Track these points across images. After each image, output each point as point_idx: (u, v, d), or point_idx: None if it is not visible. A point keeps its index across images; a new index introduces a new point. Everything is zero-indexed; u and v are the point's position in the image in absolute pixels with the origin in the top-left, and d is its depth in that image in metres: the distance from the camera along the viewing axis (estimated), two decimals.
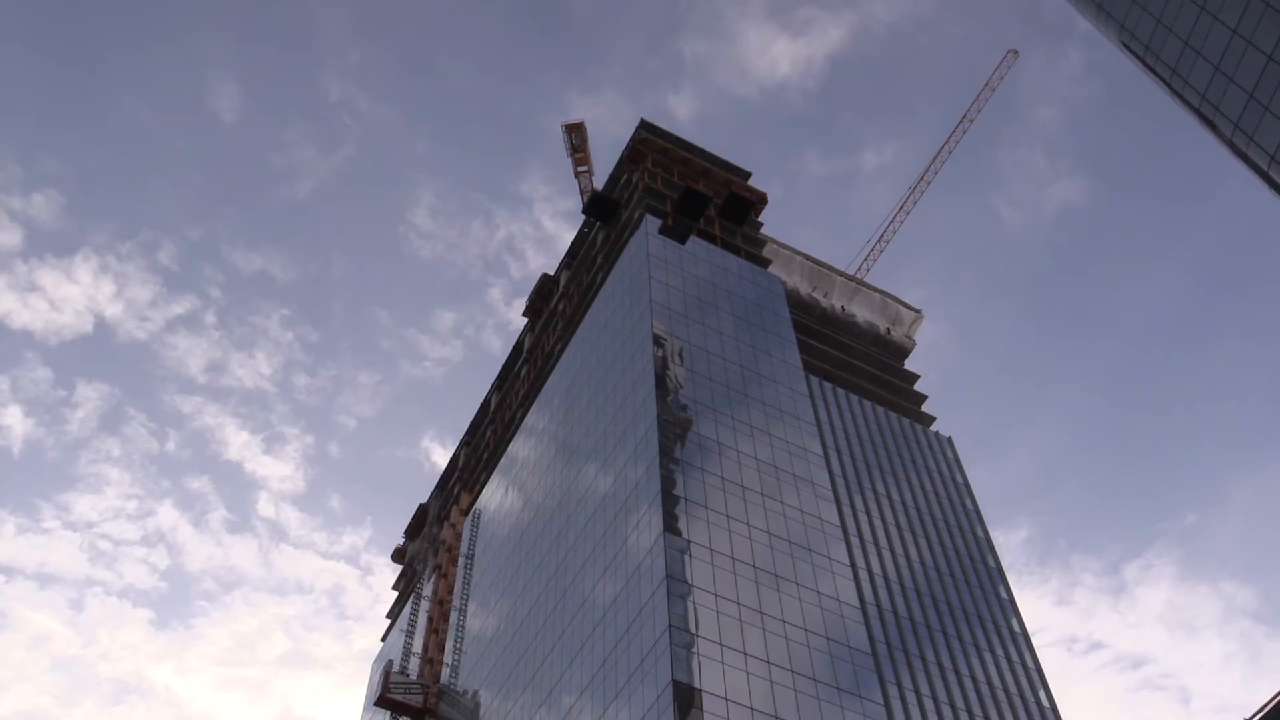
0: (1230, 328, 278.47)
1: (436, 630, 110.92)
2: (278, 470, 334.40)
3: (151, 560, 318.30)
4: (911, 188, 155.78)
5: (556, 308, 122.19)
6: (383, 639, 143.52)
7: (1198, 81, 56.11)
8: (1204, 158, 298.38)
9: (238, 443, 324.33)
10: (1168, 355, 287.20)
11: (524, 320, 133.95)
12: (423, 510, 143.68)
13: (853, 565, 77.79)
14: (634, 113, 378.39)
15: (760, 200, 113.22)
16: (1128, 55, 64.02)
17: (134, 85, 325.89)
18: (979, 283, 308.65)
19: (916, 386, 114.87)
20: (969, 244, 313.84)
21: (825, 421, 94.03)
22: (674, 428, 77.17)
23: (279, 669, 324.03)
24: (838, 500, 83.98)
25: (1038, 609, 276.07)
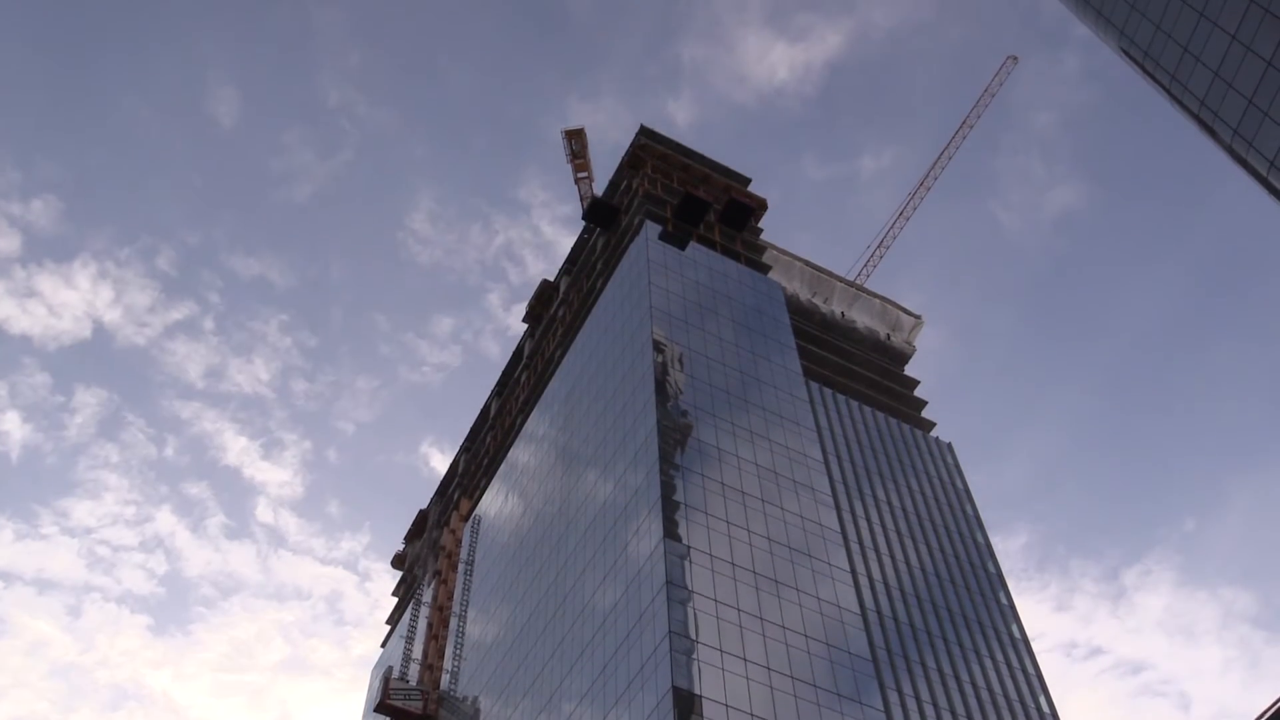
0: (1228, 332, 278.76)
1: (436, 636, 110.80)
2: (276, 476, 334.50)
3: (150, 566, 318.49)
4: (911, 193, 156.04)
5: (556, 313, 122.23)
6: (382, 645, 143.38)
7: (1197, 87, 56.19)
8: (1201, 162, 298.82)
9: (236, 448, 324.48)
10: (1166, 360, 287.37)
11: (523, 326, 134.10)
12: (422, 516, 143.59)
13: (853, 571, 77.76)
14: (633, 118, 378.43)
15: (760, 206, 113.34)
16: (1127, 61, 64.11)
17: (133, 89, 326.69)
18: (977, 288, 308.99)
19: (916, 392, 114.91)
20: (967, 249, 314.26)
21: (825, 427, 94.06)
22: (674, 433, 77.16)
23: (277, 675, 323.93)
24: (838, 506, 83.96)
25: (1037, 614, 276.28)
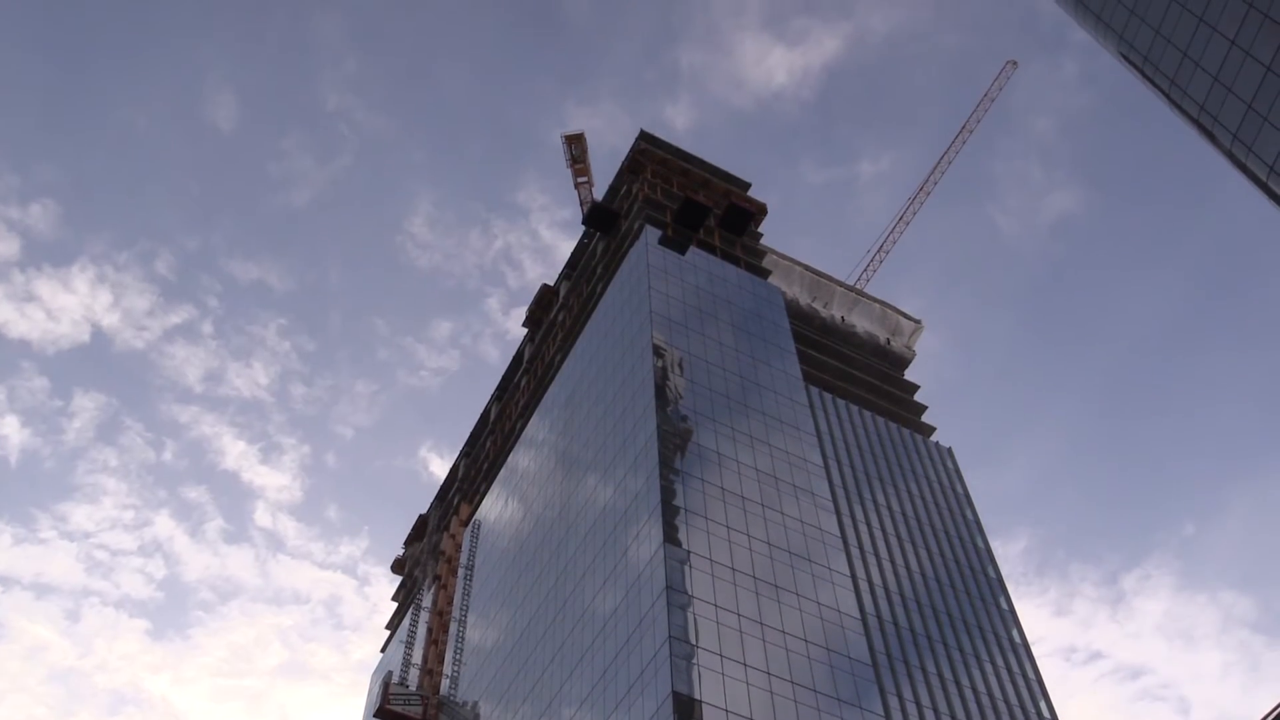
0: (1227, 336, 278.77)
1: (436, 641, 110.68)
2: (275, 480, 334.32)
3: (148, 570, 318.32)
4: (911, 198, 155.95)
5: (556, 318, 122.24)
6: (382, 650, 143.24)
7: (1196, 92, 56.22)
8: (1199, 166, 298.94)
9: (235, 452, 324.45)
10: (1165, 364, 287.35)
11: (521, 330, 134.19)
12: (422, 521, 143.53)
13: (853, 576, 77.67)
14: (631, 122, 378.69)
15: (760, 211, 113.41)
16: (1126, 66, 64.14)
17: (131, 94, 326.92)
18: (976, 293, 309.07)
19: (916, 397, 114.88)
20: (965, 254, 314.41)
21: (825, 432, 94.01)
22: (674, 438, 77.13)
23: (276, 679, 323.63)
24: (838, 511, 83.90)
25: (1036, 619, 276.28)
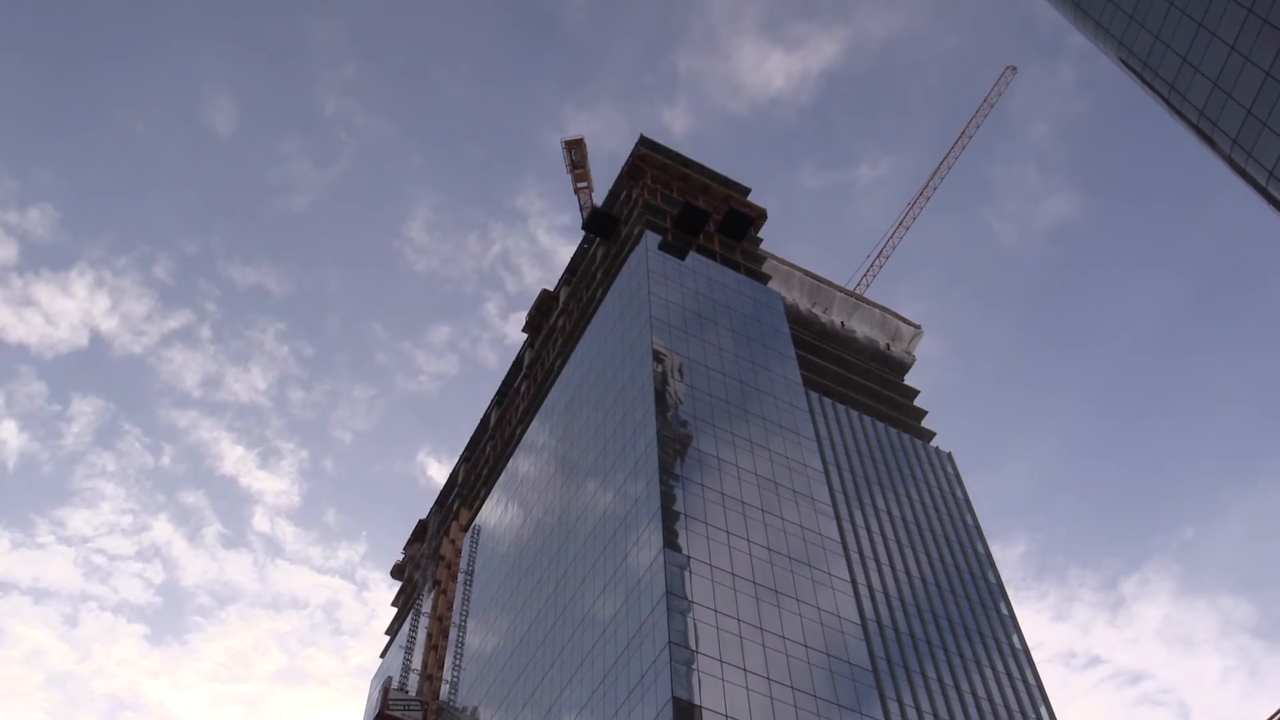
0: (1225, 340, 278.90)
1: (436, 647, 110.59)
2: (273, 485, 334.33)
3: (146, 575, 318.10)
4: (911, 203, 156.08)
5: (556, 323, 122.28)
6: (381, 655, 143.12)
7: (1196, 97, 56.27)
8: (1197, 171, 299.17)
9: (233, 457, 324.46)
10: (1163, 368, 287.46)
11: (520, 335, 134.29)
12: (422, 526, 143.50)
13: (853, 581, 77.62)
14: (629, 127, 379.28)
15: (760, 216, 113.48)
16: (1126, 71, 64.19)
17: (130, 98, 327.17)
18: (973, 297, 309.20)
19: (916, 402, 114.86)
20: (963, 259, 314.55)
21: (825, 437, 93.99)
22: (674, 443, 77.12)
23: (274, 684, 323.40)
24: (838, 516, 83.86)
25: (1035, 623, 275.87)
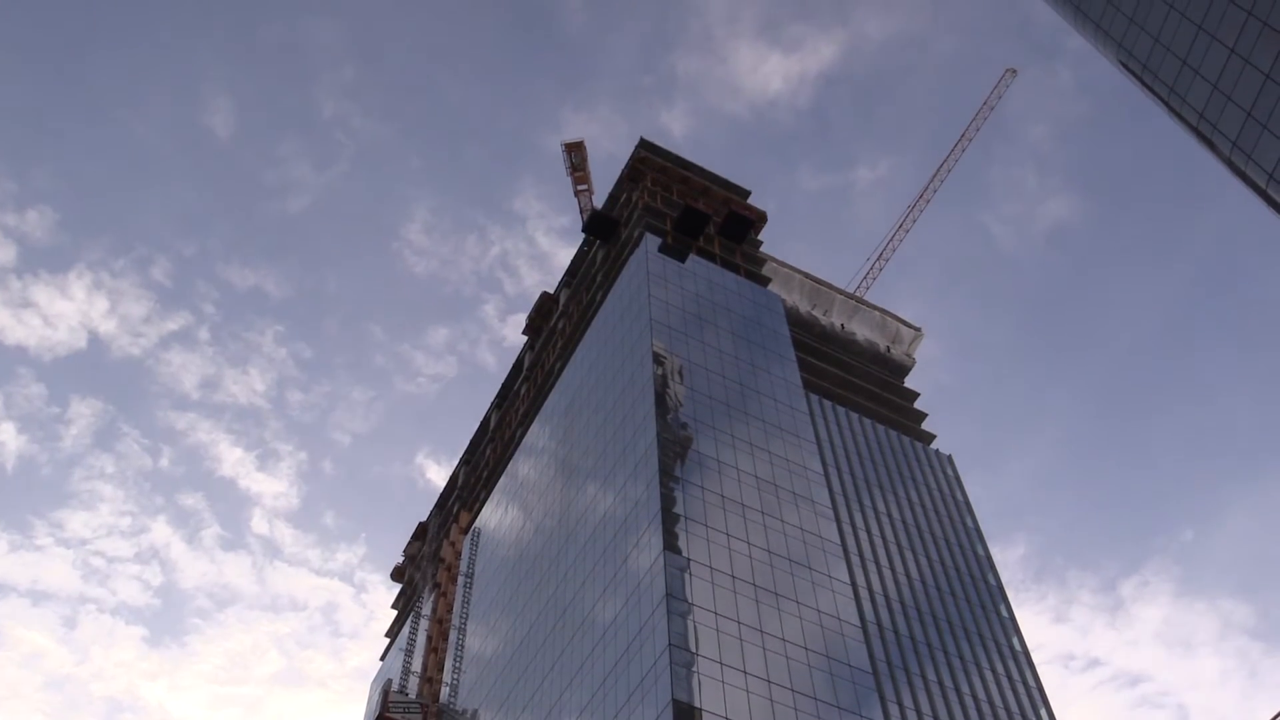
0: (1224, 341, 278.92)
1: (436, 649, 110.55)
2: (271, 487, 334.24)
3: (145, 577, 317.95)
4: (911, 205, 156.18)
5: (556, 326, 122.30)
6: (381, 658, 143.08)
7: (1196, 100, 56.30)
8: (1194, 173, 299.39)
9: (231, 459, 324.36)
10: (1162, 369, 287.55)
11: (519, 337, 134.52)
12: (422, 528, 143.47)
13: (853, 583, 77.61)
14: (627, 129, 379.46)
15: (760, 219, 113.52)
16: (1125, 74, 64.22)
17: (128, 100, 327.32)
18: (972, 300, 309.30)
19: (915, 404, 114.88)
20: (962, 261, 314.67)
21: (825, 439, 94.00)
22: (674, 446, 77.10)
23: (273, 687, 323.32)
24: (838, 518, 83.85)
25: (1035, 625, 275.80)
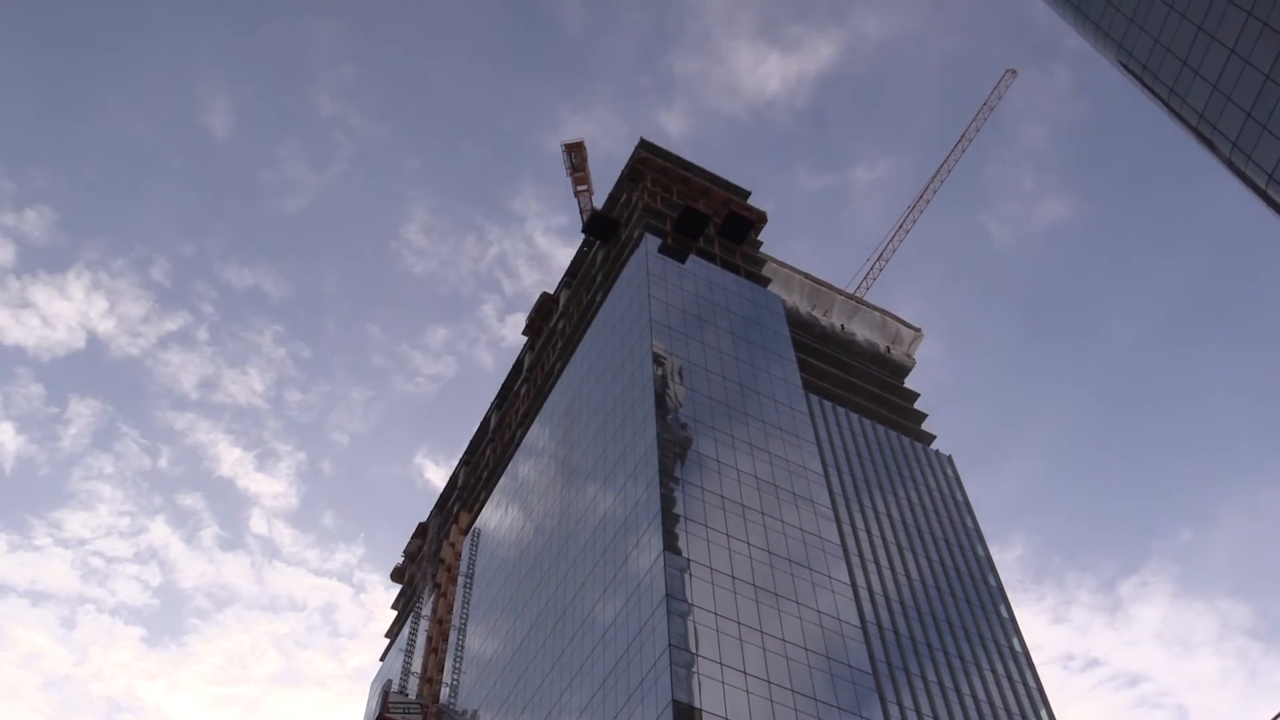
0: (1222, 341, 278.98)
1: (436, 650, 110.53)
2: (270, 487, 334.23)
3: (144, 577, 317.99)
4: (911, 206, 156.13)
5: (556, 326, 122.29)
6: (381, 658, 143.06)
7: (1196, 100, 56.30)
8: (1192, 173, 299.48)
9: (230, 459, 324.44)
10: (1161, 369, 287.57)
11: (517, 337, 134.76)
12: (422, 529, 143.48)
13: (853, 584, 77.60)
14: (625, 129, 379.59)
15: (760, 219, 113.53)
16: (1125, 74, 64.23)
17: (126, 100, 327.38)
18: (969, 300, 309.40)
19: (916, 405, 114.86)
20: (960, 262, 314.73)
21: (825, 439, 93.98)
22: (674, 446, 77.10)
23: (272, 687, 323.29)
24: (838, 518, 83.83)
25: (1033, 626, 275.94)
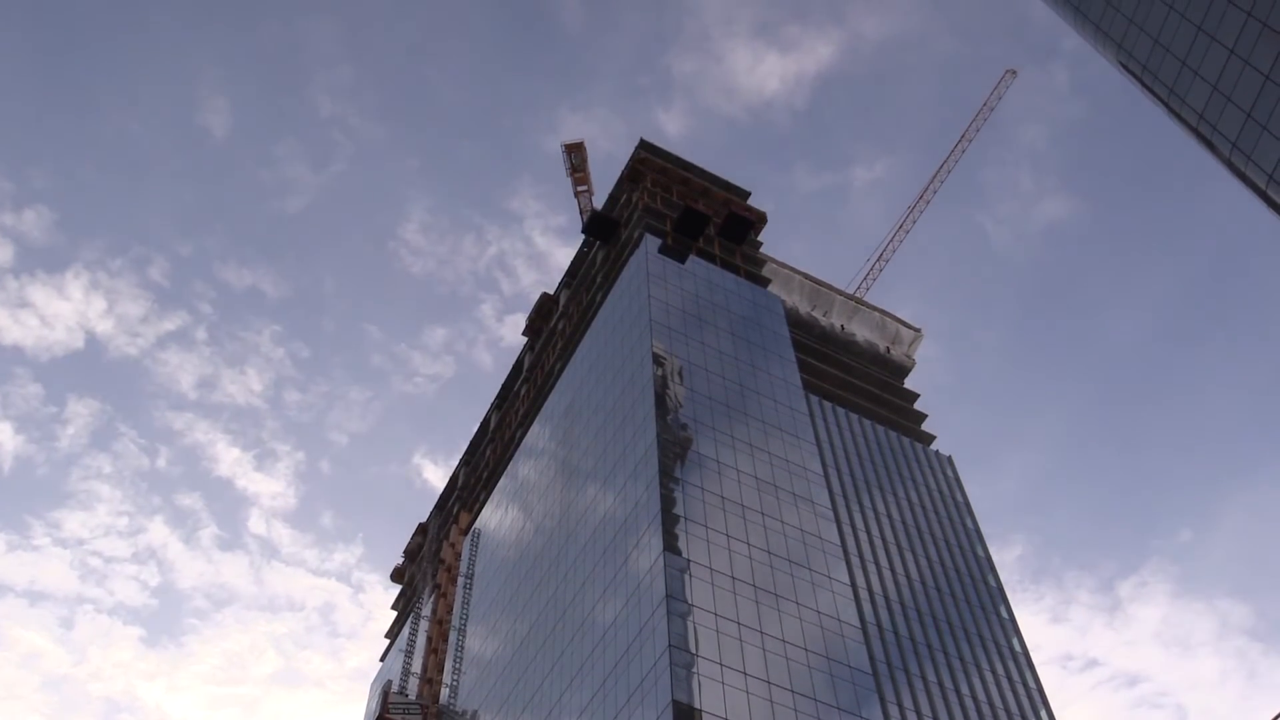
0: (1221, 341, 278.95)
1: (436, 650, 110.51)
2: (269, 487, 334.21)
3: (142, 577, 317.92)
4: (911, 206, 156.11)
5: (556, 327, 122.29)
6: (381, 659, 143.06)
7: (1195, 101, 56.29)
8: (1190, 173, 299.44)
9: (229, 459, 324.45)
10: (1160, 369, 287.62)
11: (516, 337, 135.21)
12: (422, 529, 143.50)
13: (853, 584, 77.59)
14: (623, 129, 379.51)
15: (760, 220, 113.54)
16: (1125, 75, 64.22)
17: (125, 100, 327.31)
18: (968, 301, 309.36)
19: (915, 405, 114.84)
20: (958, 262, 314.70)
21: (825, 440, 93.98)
22: (674, 446, 77.09)
23: (270, 687, 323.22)
24: (837, 519, 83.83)
25: (1032, 626, 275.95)
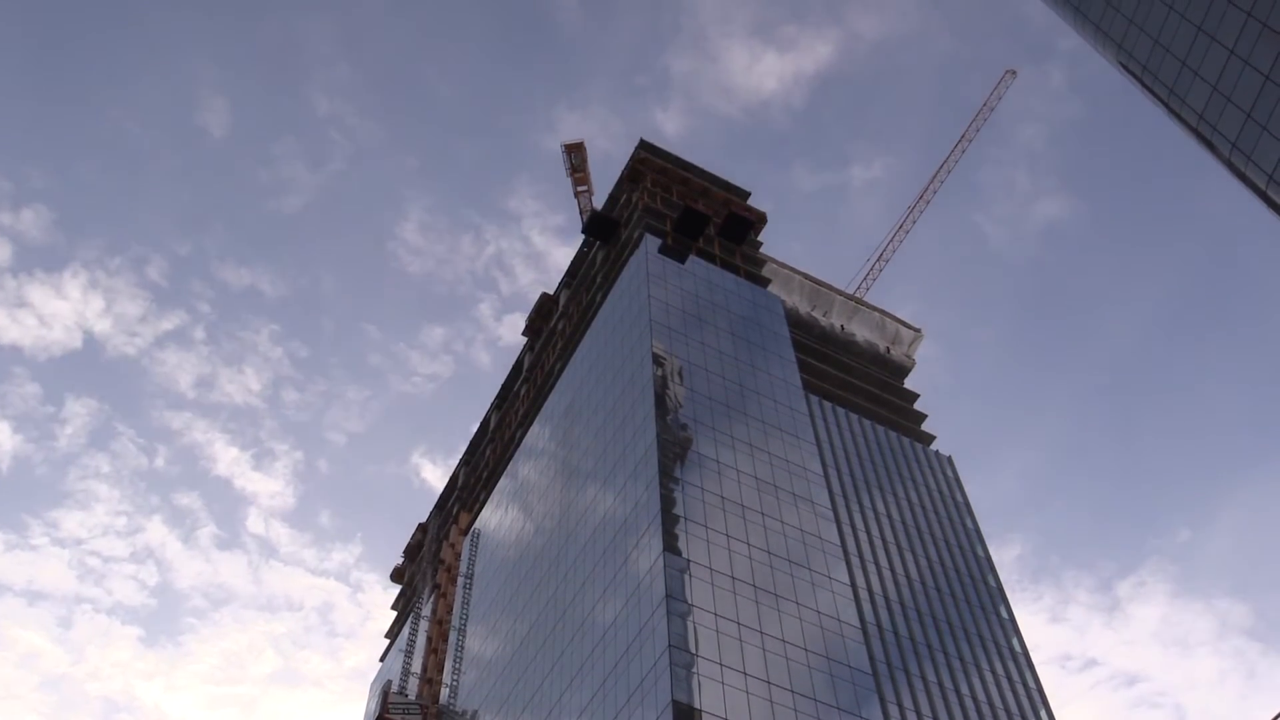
0: (1218, 341, 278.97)
1: (436, 650, 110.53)
2: (267, 486, 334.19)
3: (140, 577, 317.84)
4: (910, 206, 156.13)
5: (556, 327, 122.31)
6: (381, 659, 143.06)
7: (1195, 101, 56.31)
8: (1188, 173, 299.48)
9: (227, 459, 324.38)
10: (1158, 369, 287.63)
11: (514, 336, 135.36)
12: (422, 529, 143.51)
13: (852, 584, 77.60)
14: (621, 128, 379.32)
15: (759, 220, 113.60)
16: (1125, 75, 64.24)
17: (123, 99, 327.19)
18: (965, 301, 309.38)
19: (915, 405, 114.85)
20: (957, 262, 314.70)
21: (825, 440, 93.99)
22: (674, 447, 77.11)
23: (269, 686, 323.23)
24: (837, 519, 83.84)
25: (1031, 626, 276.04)
